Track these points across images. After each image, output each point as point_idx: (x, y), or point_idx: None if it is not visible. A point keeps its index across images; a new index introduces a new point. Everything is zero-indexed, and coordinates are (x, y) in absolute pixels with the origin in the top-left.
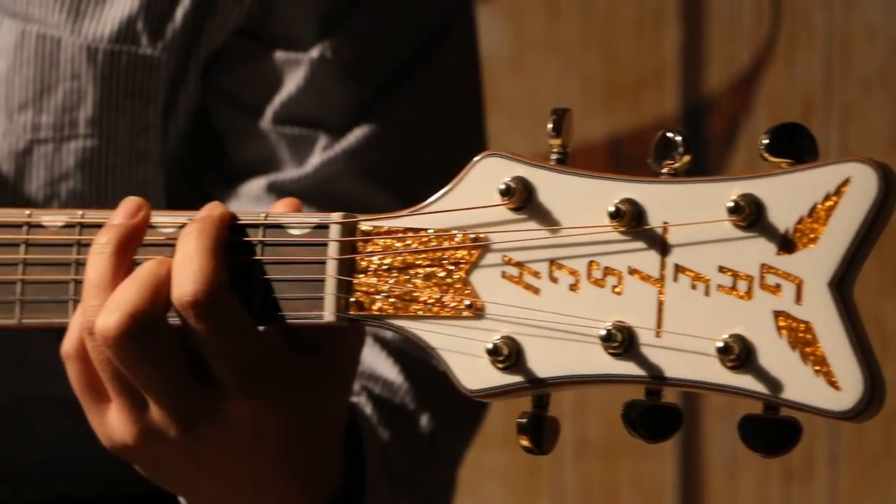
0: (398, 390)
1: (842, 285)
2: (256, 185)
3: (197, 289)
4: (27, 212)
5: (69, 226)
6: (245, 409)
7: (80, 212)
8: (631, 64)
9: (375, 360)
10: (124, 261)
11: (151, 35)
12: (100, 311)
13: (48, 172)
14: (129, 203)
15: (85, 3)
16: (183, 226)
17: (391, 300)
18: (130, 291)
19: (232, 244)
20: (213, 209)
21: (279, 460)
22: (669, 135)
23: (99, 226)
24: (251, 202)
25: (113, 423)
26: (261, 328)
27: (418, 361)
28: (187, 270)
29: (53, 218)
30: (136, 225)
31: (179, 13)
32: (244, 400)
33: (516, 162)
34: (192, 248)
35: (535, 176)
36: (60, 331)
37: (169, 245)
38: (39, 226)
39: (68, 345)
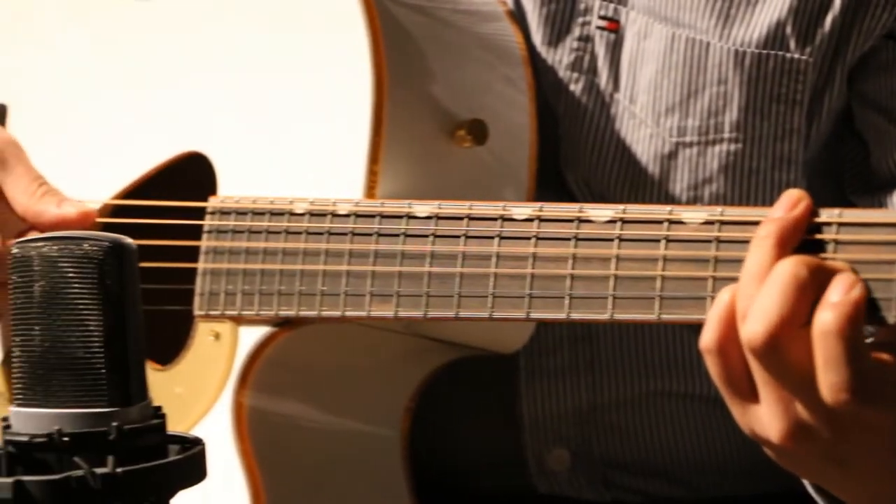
0: None
1: None
2: None
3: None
4: (668, 208)
5: (708, 223)
6: (891, 418)
7: (719, 209)
8: None
9: None
10: (783, 253)
11: (800, 40)
12: (753, 300)
13: (692, 175)
14: (790, 195)
15: (735, 8)
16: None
17: None
18: (772, 298)
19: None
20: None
21: None
22: None
23: (738, 223)
24: None
25: (759, 418)
26: None
27: None
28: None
29: (693, 215)
30: (796, 218)
31: (829, 18)
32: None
33: None
34: None
35: None
36: (700, 327)
37: None
38: (679, 222)
39: (708, 338)
